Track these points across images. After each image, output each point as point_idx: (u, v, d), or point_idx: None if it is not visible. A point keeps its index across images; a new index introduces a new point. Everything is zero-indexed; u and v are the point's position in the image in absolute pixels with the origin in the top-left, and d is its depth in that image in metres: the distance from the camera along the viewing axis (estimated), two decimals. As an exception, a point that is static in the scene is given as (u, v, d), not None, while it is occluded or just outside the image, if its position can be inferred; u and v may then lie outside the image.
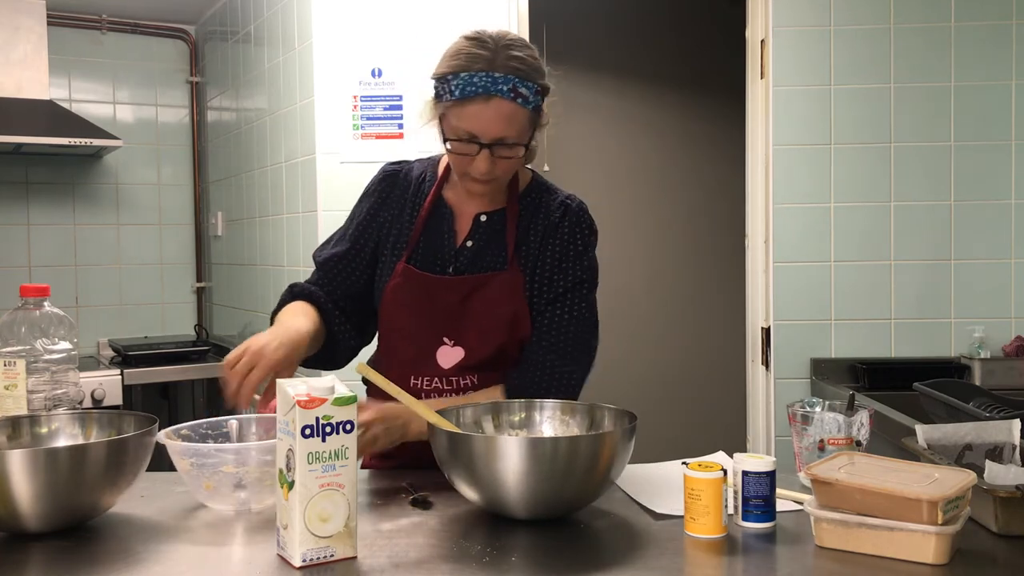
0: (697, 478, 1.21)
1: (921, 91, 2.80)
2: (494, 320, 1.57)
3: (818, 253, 2.81)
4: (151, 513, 1.35)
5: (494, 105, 1.46)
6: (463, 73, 1.45)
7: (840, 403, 1.46)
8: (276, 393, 1.15)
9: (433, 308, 1.59)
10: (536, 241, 1.62)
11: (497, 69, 1.45)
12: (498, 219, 1.62)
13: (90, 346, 4.13)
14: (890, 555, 1.13)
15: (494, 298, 1.58)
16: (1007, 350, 2.75)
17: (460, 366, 1.58)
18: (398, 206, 1.67)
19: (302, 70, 3.08)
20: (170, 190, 4.38)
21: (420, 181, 1.68)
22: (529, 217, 1.63)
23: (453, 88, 1.47)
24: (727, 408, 4.07)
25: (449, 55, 1.50)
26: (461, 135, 1.49)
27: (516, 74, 1.46)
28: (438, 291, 1.59)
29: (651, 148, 4.56)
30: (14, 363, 1.67)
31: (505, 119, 1.47)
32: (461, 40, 1.51)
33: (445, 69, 1.49)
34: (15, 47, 3.64)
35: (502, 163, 1.51)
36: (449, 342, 1.58)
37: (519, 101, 1.47)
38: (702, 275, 4.58)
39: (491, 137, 1.47)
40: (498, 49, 1.47)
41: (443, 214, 1.64)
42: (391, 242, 1.65)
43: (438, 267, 1.61)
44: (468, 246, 1.62)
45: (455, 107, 1.48)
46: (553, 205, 1.64)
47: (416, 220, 1.64)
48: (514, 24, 2.92)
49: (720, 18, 4.23)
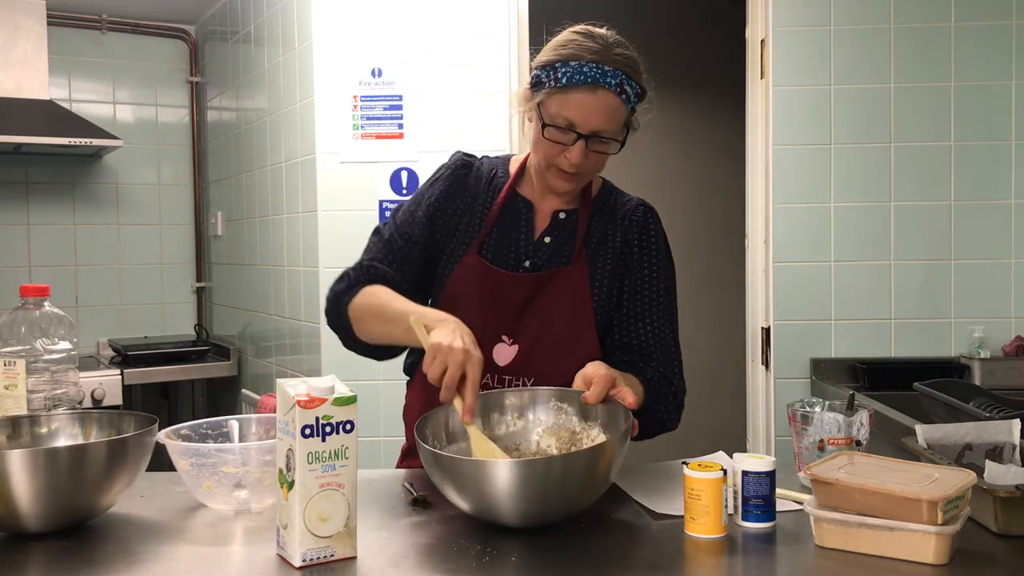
0: (697, 478, 1.21)
1: (921, 91, 2.79)
2: (555, 317, 1.56)
3: (818, 253, 2.81)
4: (151, 513, 1.35)
5: (600, 96, 1.46)
6: (572, 61, 1.46)
7: (840, 403, 1.45)
8: (277, 395, 1.15)
9: (498, 303, 1.56)
10: (616, 238, 1.61)
11: (607, 62, 1.46)
12: (575, 218, 1.62)
13: (90, 346, 4.13)
14: (890, 555, 1.13)
15: (559, 293, 1.57)
16: (1007, 350, 2.75)
17: (515, 365, 1.55)
18: (471, 196, 1.63)
19: (302, 70, 3.08)
20: (170, 190, 4.38)
21: (492, 176, 1.65)
22: (603, 218, 1.63)
23: (560, 75, 1.47)
24: (727, 408, 4.07)
25: (556, 44, 1.50)
26: (560, 122, 1.48)
27: (624, 70, 1.47)
28: (507, 287, 1.56)
29: (651, 148, 4.56)
30: (14, 363, 1.67)
31: (608, 111, 1.47)
32: (569, 32, 1.51)
33: (552, 57, 1.49)
34: (15, 47, 3.64)
35: (593, 157, 1.50)
36: (507, 340, 1.56)
37: (623, 97, 1.47)
38: (702, 275, 4.57)
39: (590, 128, 1.47)
40: (608, 44, 1.47)
41: (519, 208, 1.62)
42: (460, 231, 1.61)
43: (512, 260, 1.59)
44: (546, 242, 1.60)
45: (558, 94, 1.47)
46: (631, 205, 1.65)
47: (489, 213, 1.61)
48: (514, 24, 2.92)
49: (720, 18, 4.23)
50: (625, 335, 1.59)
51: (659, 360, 1.58)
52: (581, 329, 1.56)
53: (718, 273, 4.51)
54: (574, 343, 1.55)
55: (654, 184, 4.65)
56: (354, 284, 1.58)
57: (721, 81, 4.18)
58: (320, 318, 2.97)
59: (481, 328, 1.53)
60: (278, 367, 3.45)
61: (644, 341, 1.59)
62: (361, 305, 1.54)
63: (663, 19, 4.55)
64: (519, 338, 1.56)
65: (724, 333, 4.40)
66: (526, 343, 1.56)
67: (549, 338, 1.55)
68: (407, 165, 2.93)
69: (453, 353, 1.31)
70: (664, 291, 1.62)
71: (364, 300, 1.54)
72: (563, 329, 1.56)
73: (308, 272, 3.09)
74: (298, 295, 3.19)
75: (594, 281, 1.58)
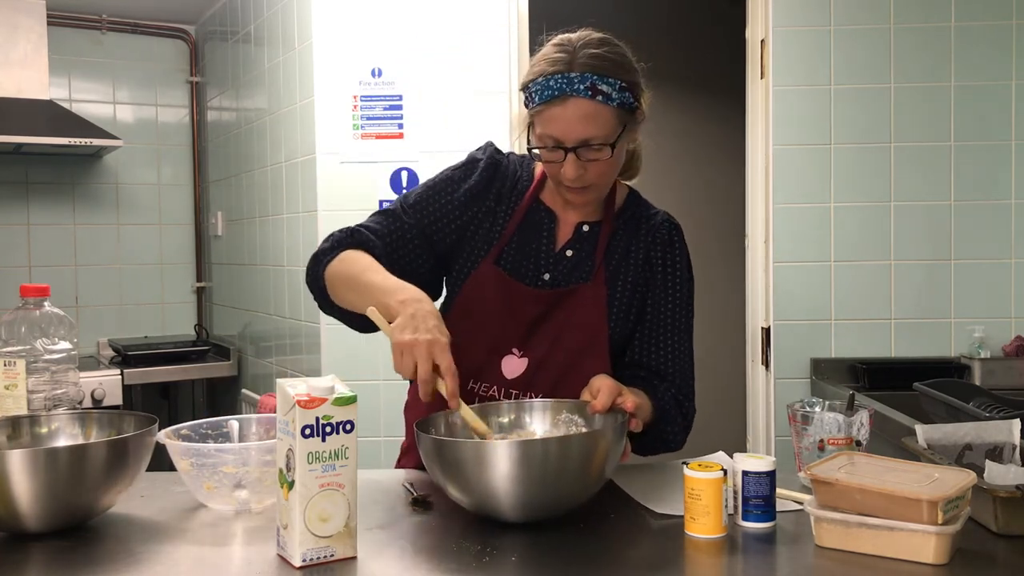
0: (697, 478, 1.21)
1: (921, 91, 2.80)
2: (569, 334, 1.52)
3: (818, 253, 2.81)
4: (151, 513, 1.35)
5: (571, 106, 1.41)
6: (540, 78, 1.43)
7: (840, 403, 1.45)
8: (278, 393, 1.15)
9: (513, 316, 1.52)
10: (639, 255, 1.57)
11: (574, 69, 1.41)
12: (598, 231, 1.58)
13: (90, 346, 4.13)
14: (890, 555, 1.13)
15: (575, 310, 1.53)
16: (1007, 350, 2.75)
17: (524, 378, 1.53)
18: (495, 198, 1.58)
19: (302, 70, 3.08)
20: (170, 190, 4.38)
21: (516, 178, 1.60)
22: (627, 233, 1.59)
23: (533, 95, 1.44)
24: (727, 408, 4.07)
25: (532, 62, 1.47)
26: (546, 142, 1.44)
27: (594, 71, 1.40)
28: (524, 301, 1.53)
29: (651, 148, 4.55)
30: (14, 363, 1.67)
31: (584, 119, 1.41)
32: (547, 46, 1.48)
33: (528, 77, 1.46)
34: (15, 47, 3.64)
35: (592, 167, 1.45)
36: (518, 352, 1.53)
37: (599, 99, 1.41)
38: (702, 275, 4.54)
39: (573, 140, 1.42)
40: (576, 50, 1.42)
41: (542, 217, 1.58)
42: (481, 234, 1.57)
43: (531, 273, 1.55)
44: (568, 255, 1.56)
45: (538, 114, 1.44)
46: (656, 221, 1.61)
47: (510, 220, 1.57)
48: (514, 24, 2.92)
49: (720, 18, 4.23)
50: (644, 355, 1.57)
51: (672, 381, 1.56)
52: (594, 347, 1.53)
53: (718, 273, 4.51)
54: (585, 361, 1.52)
55: (654, 184, 4.65)
56: (335, 246, 1.52)
57: (721, 81, 4.18)
58: (320, 318, 2.98)
59: (493, 339, 1.53)
60: (278, 367, 3.45)
61: (662, 362, 1.57)
62: (337, 270, 1.49)
63: (663, 19, 4.55)
64: (530, 352, 1.53)
65: (724, 333, 4.39)
66: (536, 357, 1.53)
67: (561, 354, 1.53)
68: (407, 165, 2.93)
69: (418, 347, 1.27)
70: (684, 312, 1.59)
71: (341, 266, 1.49)
72: (576, 346, 1.53)
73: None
74: (298, 295, 3.19)
75: (612, 300, 1.55)
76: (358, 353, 2.78)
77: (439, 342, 1.29)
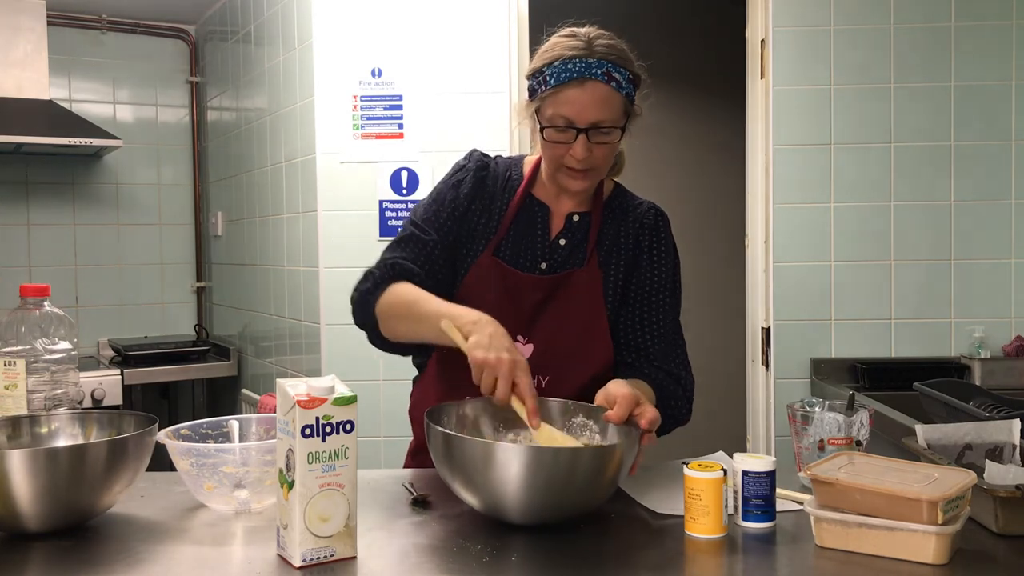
0: (697, 478, 1.21)
1: (921, 91, 2.80)
2: (570, 318, 1.58)
3: (818, 253, 2.82)
4: (151, 513, 1.35)
5: (589, 88, 1.47)
6: (557, 62, 1.48)
7: (840, 403, 1.46)
8: (276, 394, 1.15)
9: (514, 303, 1.58)
10: (628, 241, 1.63)
11: (591, 55, 1.48)
12: (588, 220, 1.64)
13: (90, 346, 4.13)
14: (890, 555, 1.13)
15: (573, 294, 1.59)
16: (1007, 350, 2.75)
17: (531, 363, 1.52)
18: (489, 197, 1.64)
19: (302, 70, 3.08)
20: (170, 190, 4.38)
21: (507, 177, 1.66)
22: (615, 220, 1.65)
23: (548, 78, 1.49)
24: (727, 408, 4.07)
25: (542, 51, 1.53)
26: (557, 122, 1.50)
27: (609, 59, 1.49)
28: (524, 288, 1.58)
29: (651, 148, 4.56)
30: (14, 363, 1.67)
31: (600, 102, 1.48)
32: (553, 37, 1.54)
33: (539, 63, 1.52)
34: (15, 47, 3.64)
35: (599, 149, 1.51)
36: (522, 339, 1.58)
37: (613, 84, 1.48)
38: (702, 275, 4.57)
39: (587, 121, 1.48)
40: (590, 39, 1.50)
41: (534, 210, 1.64)
42: (477, 233, 1.62)
43: (528, 261, 1.61)
44: (561, 244, 1.62)
45: (551, 96, 1.50)
46: (642, 209, 1.67)
47: (505, 214, 1.62)
48: (514, 24, 2.92)
49: (720, 18, 4.23)
50: (630, 334, 1.61)
51: (662, 359, 1.60)
52: (594, 329, 1.59)
53: (718, 273, 4.51)
54: (587, 343, 1.59)
55: (654, 184, 4.65)
56: (380, 282, 1.56)
57: (721, 81, 4.18)
58: (320, 318, 2.99)
59: None
60: (278, 367, 3.45)
61: (648, 341, 1.61)
62: (389, 304, 1.53)
63: (663, 19, 4.55)
64: (534, 337, 1.58)
65: (724, 333, 4.40)
66: (541, 342, 1.58)
67: (563, 338, 1.58)
68: (407, 165, 2.93)
69: (501, 365, 1.32)
70: (669, 291, 1.65)
71: (391, 299, 1.53)
72: (577, 329, 1.58)
73: (308, 272, 3.09)
74: (298, 295, 3.19)
75: (607, 283, 1.61)
76: (358, 353, 2.76)
77: (521, 363, 1.35)
